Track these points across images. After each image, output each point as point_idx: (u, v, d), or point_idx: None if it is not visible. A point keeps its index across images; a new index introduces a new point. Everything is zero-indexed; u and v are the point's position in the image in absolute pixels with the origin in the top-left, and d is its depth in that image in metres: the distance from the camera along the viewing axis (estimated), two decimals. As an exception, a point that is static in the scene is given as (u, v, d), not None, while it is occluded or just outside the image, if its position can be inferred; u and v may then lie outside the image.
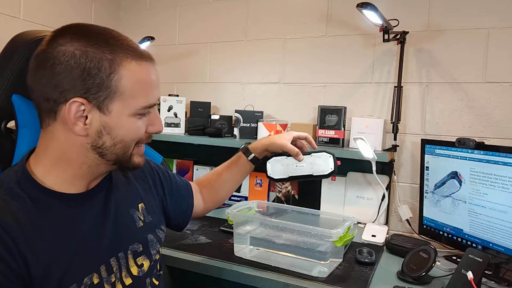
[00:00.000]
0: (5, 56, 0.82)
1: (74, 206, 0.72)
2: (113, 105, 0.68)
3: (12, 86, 0.81)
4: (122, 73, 0.67)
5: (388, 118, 1.64)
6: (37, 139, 0.72)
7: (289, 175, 1.09)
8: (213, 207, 1.15)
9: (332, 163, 1.05)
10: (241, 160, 1.13)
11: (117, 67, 0.67)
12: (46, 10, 1.89)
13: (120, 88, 0.67)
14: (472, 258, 1.02)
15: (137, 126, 0.72)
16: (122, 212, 0.81)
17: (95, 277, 0.70)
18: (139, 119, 0.72)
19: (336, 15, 1.80)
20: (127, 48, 0.69)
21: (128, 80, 0.68)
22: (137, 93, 0.69)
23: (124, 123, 0.70)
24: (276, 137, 1.11)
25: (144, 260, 0.82)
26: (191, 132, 1.85)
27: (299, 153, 1.07)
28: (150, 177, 0.94)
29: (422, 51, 1.64)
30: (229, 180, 1.15)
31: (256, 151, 1.11)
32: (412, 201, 1.65)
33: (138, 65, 0.69)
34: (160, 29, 2.17)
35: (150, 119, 0.75)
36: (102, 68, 0.65)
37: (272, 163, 1.11)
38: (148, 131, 0.75)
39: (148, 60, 0.72)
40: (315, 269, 1.15)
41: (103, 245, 0.74)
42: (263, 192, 1.84)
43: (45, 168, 0.70)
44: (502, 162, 1.17)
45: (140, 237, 0.83)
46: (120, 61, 0.67)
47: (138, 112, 0.71)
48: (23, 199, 0.66)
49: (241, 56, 2.01)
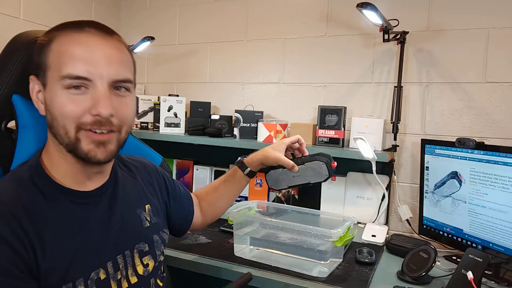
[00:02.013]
0: (5, 56, 0.82)
1: (82, 203, 0.73)
2: (48, 80, 0.69)
3: (13, 86, 0.81)
4: (52, 47, 0.69)
5: (388, 118, 1.64)
6: (38, 139, 0.74)
7: (288, 185, 1.11)
8: (211, 220, 1.14)
9: (326, 170, 1.06)
10: (237, 175, 1.12)
11: (51, 43, 0.69)
12: (46, 10, 1.89)
13: (49, 60, 0.69)
14: (472, 258, 1.02)
15: (70, 100, 0.67)
16: (128, 211, 0.82)
17: (101, 273, 0.72)
18: (74, 95, 0.67)
19: (336, 15, 1.80)
20: (73, 23, 0.71)
21: (55, 52, 0.69)
22: (62, 63, 0.67)
23: (57, 98, 0.68)
24: (269, 150, 1.10)
25: (149, 260, 0.82)
26: (191, 132, 1.85)
27: (294, 165, 1.07)
28: (156, 181, 0.95)
29: (422, 51, 1.64)
30: (226, 194, 1.14)
31: (252, 165, 1.11)
32: (412, 201, 1.65)
33: (67, 36, 0.69)
34: (160, 29, 2.17)
35: (92, 98, 0.68)
36: (43, 47, 0.70)
37: (270, 176, 1.12)
38: (91, 113, 0.68)
39: (82, 31, 0.69)
40: (315, 269, 1.15)
41: (110, 242, 0.75)
42: (263, 192, 1.84)
43: (51, 161, 0.73)
44: (502, 162, 1.17)
45: (146, 236, 0.84)
46: (53, 36, 0.70)
47: (65, 84, 0.67)
48: (35, 192, 0.69)
49: (241, 56, 2.01)
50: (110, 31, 0.72)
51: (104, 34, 0.71)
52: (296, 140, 1.12)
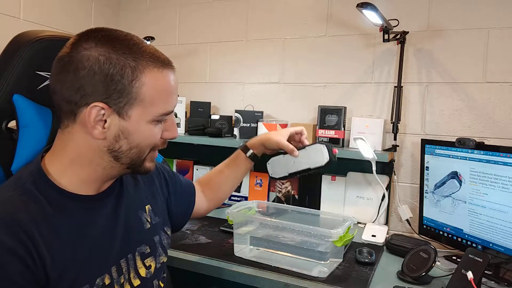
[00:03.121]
0: (5, 56, 0.82)
1: (88, 207, 0.73)
2: (132, 111, 0.68)
3: (13, 86, 0.81)
4: (143, 80, 0.68)
5: (388, 118, 1.64)
6: (38, 139, 0.73)
7: (288, 172, 1.10)
8: (215, 206, 1.15)
9: (327, 153, 1.03)
10: (240, 157, 1.13)
11: (139, 74, 0.67)
12: (46, 10, 1.89)
13: (140, 95, 0.68)
14: (472, 258, 1.02)
15: (154, 132, 0.73)
16: (131, 214, 0.82)
17: (106, 278, 0.71)
18: (156, 125, 0.72)
19: (336, 15, 1.80)
20: (150, 55, 0.69)
21: (149, 87, 0.68)
22: (157, 100, 0.70)
23: (141, 129, 0.70)
24: (273, 133, 1.11)
25: (151, 262, 0.83)
26: (191, 132, 1.85)
27: (294, 149, 1.06)
28: (156, 178, 0.95)
29: (422, 51, 1.64)
30: (230, 178, 1.15)
31: (254, 147, 1.12)
32: (412, 201, 1.65)
33: (159, 72, 0.70)
34: (160, 29, 2.18)
35: (166, 125, 0.76)
36: (124, 75, 0.66)
37: (271, 163, 1.12)
38: (163, 136, 0.76)
39: (169, 67, 0.73)
40: (315, 269, 1.15)
41: (115, 246, 0.75)
42: (263, 192, 1.84)
43: (61, 168, 0.71)
44: (502, 162, 1.17)
45: (147, 238, 0.84)
46: (143, 68, 0.68)
47: (156, 119, 0.71)
48: (40, 200, 0.67)
49: (241, 56, 2.01)
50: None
51: (173, 65, 0.75)
52: (300, 131, 1.12)
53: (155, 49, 0.72)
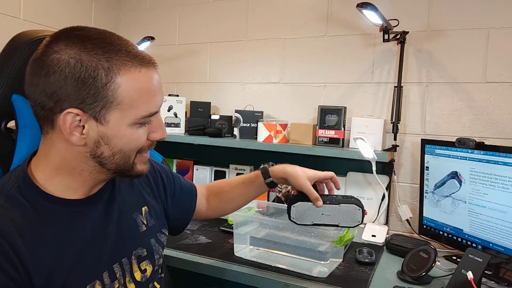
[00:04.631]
0: (5, 56, 0.82)
1: (76, 211, 0.70)
2: (110, 115, 0.64)
3: (12, 86, 0.81)
4: (119, 82, 0.63)
5: (388, 118, 1.64)
6: (38, 139, 0.72)
7: (314, 222, 1.00)
8: (214, 216, 1.11)
9: (360, 217, 0.98)
10: (258, 181, 1.05)
11: (114, 75, 0.63)
12: (46, 10, 1.89)
13: (117, 97, 0.63)
14: (472, 258, 1.02)
15: (138, 135, 0.69)
16: (125, 216, 0.79)
17: (97, 284, 0.69)
18: (139, 128, 0.68)
19: (336, 15, 1.80)
20: (126, 54, 0.64)
21: (126, 89, 0.64)
22: (137, 102, 0.66)
23: (122, 133, 0.66)
24: (300, 171, 0.99)
25: (147, 265, 0.80)
26: (191, 132, 1.85)
27: (318, 199, 0.96)
28: (153, 180, 0.92)
29: (422, 51, 1.64)
30: (241, 196, 1.08)
31: (276, 176, 1.03)
32: (412, 201, 1.65)
33: (137, 72, 0.65)
34: (160, 29, 2.17)
35: (152, 126, 0.71)
36: (97, 78, 0.62)
37: (297, 208, 1.00)
38: (150, 138, 0.72)
39: (149, 65, 0.67)
40: (315, 269, 1.15)
41: (106, 251, 0.72)
42: (263, 192, 1.83)
43: (46, 174, 0.69)
44: (502, 162, 1.17)
45: (144, 241, 0.81)
46: (117, 69, 0.63)
47: (138, 122, 0.67)
48: (24, 206, 0.65)
49: (241, 56, 2.01)
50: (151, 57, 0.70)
51: (154, 62, 0.69)
52: (330, 177, 1.02)
53: (134, 47, 0.67)
